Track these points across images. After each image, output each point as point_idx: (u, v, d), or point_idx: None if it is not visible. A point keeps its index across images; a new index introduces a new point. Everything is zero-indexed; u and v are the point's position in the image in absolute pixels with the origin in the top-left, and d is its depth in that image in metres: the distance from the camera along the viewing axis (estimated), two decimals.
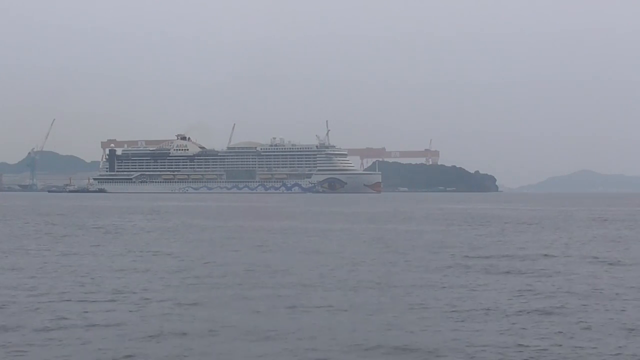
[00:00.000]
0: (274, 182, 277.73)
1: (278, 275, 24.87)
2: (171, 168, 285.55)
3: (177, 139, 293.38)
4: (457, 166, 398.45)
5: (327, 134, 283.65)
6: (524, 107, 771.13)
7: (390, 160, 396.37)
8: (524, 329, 15.93)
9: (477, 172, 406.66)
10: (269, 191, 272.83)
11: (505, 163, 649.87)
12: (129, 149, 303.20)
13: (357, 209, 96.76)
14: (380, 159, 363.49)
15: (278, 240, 40.26)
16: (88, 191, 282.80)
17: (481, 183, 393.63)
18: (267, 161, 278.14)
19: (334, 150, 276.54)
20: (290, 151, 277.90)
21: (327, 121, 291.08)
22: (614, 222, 62.66)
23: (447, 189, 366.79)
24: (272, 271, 25.82)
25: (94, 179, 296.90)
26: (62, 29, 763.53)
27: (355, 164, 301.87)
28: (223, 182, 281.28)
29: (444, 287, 21.91)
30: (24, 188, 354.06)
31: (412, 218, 70.79)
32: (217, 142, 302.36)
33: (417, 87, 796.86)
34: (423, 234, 45.72)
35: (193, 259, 30.01)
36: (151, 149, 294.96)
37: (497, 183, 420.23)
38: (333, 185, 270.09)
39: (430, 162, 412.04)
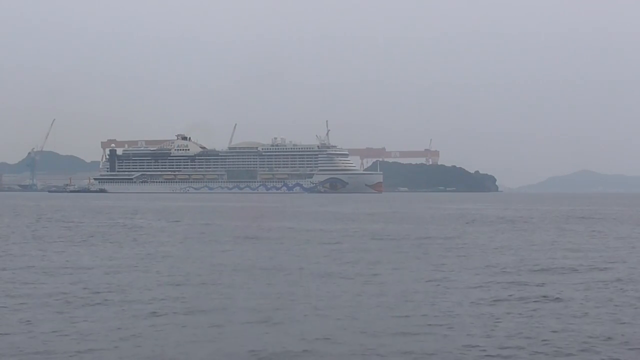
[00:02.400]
0: (275, 182, 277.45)
1: None
2: (172, 168, 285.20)
3: (178, 139, 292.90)
4: (457, 166, 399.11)
5: (327, 134, 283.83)
6: (524, 107, 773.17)
7: (390, 160, 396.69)
8: None
9: (477, 172, 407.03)
10: (270, 191, 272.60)
11: (505, 163, 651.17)
12: (130, 149, 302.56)
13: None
14: (380, 159, 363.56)
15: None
16: (89, 191, 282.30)
17: (481, 183, 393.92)
18: (268, 161, 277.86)
19: (335, 151, 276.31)
20: (291, 151, 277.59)
21: (327, 121, 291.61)
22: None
23: (447, 189, 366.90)
24: None
25: (95, 179, 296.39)
26: (62, 29, 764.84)
27: (355, 164, 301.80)
28: (224, 182, 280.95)
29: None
30: (24, 188, 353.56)
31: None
32: (218, 142, 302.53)
33: (417, 87, 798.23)
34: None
35: None
36: (152, 149, 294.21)
37: (497, 183, 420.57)
38: (335, 185, 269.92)
39: (430, 162, 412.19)
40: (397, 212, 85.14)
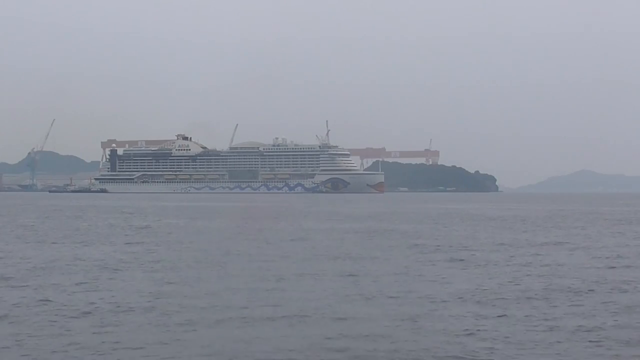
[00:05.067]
0: (277, 182, 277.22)
1: None
2: (173, 168, 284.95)
3: (178, 139, 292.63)
4: (457, 166, 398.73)
5: (327, 134, 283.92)
6: (524, 108, 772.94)
7: (390, 160, 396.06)
8: None
9: (477, 172, 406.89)
10: (271, 191, 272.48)
11: (505, 163, 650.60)
12: (131, 149, 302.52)
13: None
14: (381, 159, 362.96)
15: None
16: (90, 191, 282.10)
17: (481, 183, 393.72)
18: (269, 161, 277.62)
19: (336, 151, 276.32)
20: (293, 151, 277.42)
21: (327, 121, 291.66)
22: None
23: (447, 189, 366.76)
24: None
25: (96, 179, 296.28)
26: (62, 29, 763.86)
27: (355, 164, 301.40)
28: (225, 182, 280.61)
29: None
30: (24, 188, 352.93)
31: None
32: (220, 143, 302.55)
33: (417, 87, 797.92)
34: None
35: None
36: (153, 149, 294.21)
37: (497, 183, 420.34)
38: (336, 185, 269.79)
39: (430, 162, 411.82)
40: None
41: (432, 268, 26.86)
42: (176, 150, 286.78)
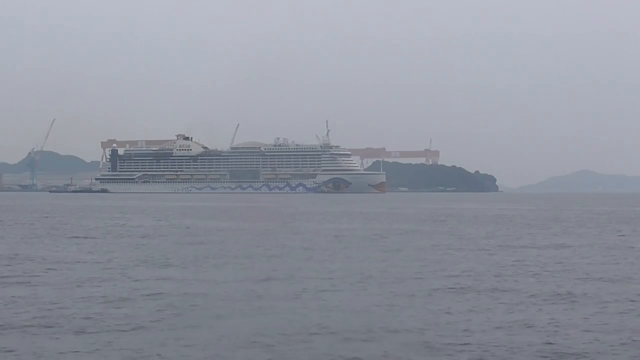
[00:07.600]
0: (278, 182, 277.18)
1: None
2: (174, 168, 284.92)
3: (178, 138, 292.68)
4: (457, 166, 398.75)
5: (327, 134, 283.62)
6: (524, 108, 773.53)
7: (390, 160, 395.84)
8: None
9: (477, 172, 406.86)
10: (273, 191, 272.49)
11: (505, 163, 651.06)
12: (132, 149, 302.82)
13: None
14: (381, 159, 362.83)
15: None
16: (91, 191, 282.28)
17: (481, 183, 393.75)
18: (271, 161, 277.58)
19: (338, 151, 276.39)
20: (294, 151, 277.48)
21: (327, 121, 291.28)
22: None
23: (447, 189, 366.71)
24: None
25: (96, 179, 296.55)
26: (62, 29, 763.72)
27: (356, 164, 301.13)
28: (226, 182, 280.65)
29: None
30: (24, 188, 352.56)
31: None
32: (221, 143, 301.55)
33: (417, 87, 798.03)
34: None
35: None
36: (154, 148, 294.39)
37: (497, 183, 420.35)
38: (338, 185, 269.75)
39: (430, 162, 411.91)
40: None
41: None
42: (177, 150, 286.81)
